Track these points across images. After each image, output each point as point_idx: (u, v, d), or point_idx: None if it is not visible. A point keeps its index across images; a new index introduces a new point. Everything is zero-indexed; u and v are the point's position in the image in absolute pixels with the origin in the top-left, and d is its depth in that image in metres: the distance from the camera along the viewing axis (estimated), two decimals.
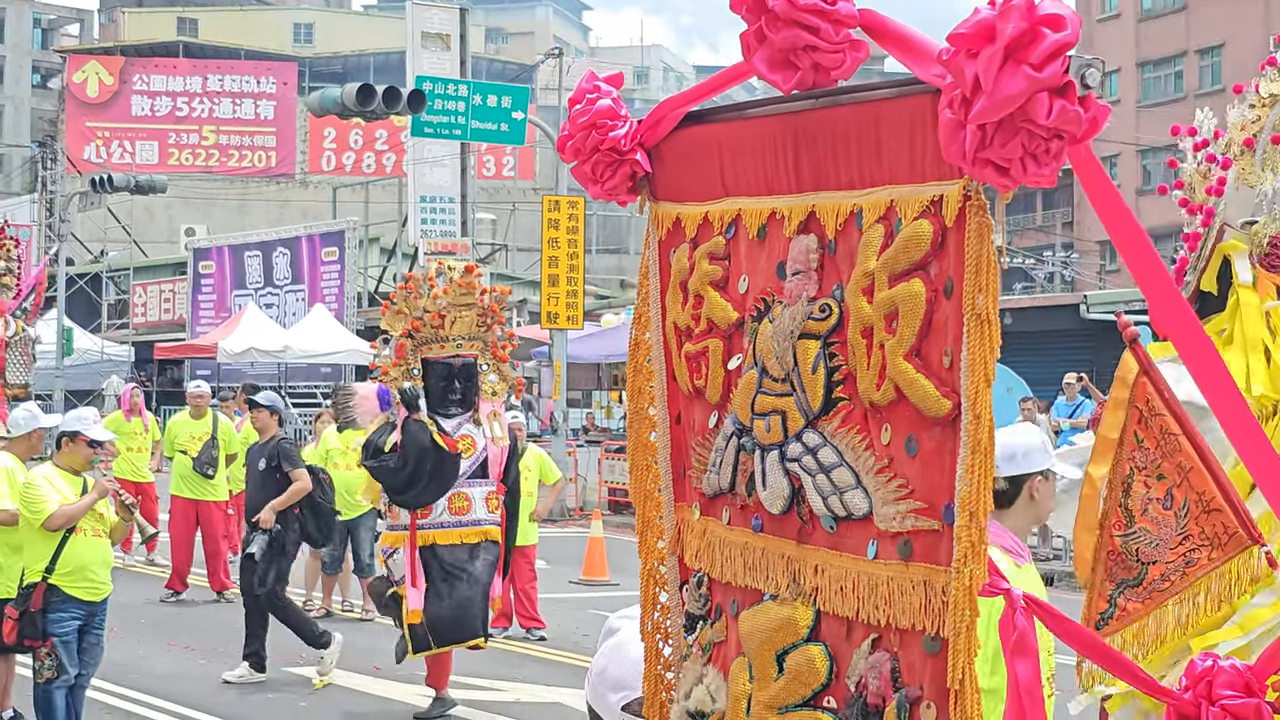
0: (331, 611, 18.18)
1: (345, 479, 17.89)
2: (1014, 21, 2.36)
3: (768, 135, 3.05)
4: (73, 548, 10.64)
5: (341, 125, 67.50)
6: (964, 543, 2.62)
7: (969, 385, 2.58)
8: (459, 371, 11.55)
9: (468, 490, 11.81)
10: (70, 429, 10.93)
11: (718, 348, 3.24)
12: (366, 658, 15.44)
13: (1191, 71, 62.55)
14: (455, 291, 11.41)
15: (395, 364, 11.58)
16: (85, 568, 10.70)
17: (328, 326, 42.85)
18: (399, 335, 11.47)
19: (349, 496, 17.93)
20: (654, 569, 3.51)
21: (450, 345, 11.46)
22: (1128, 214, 2.65)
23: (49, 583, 10.59)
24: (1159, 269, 2.69)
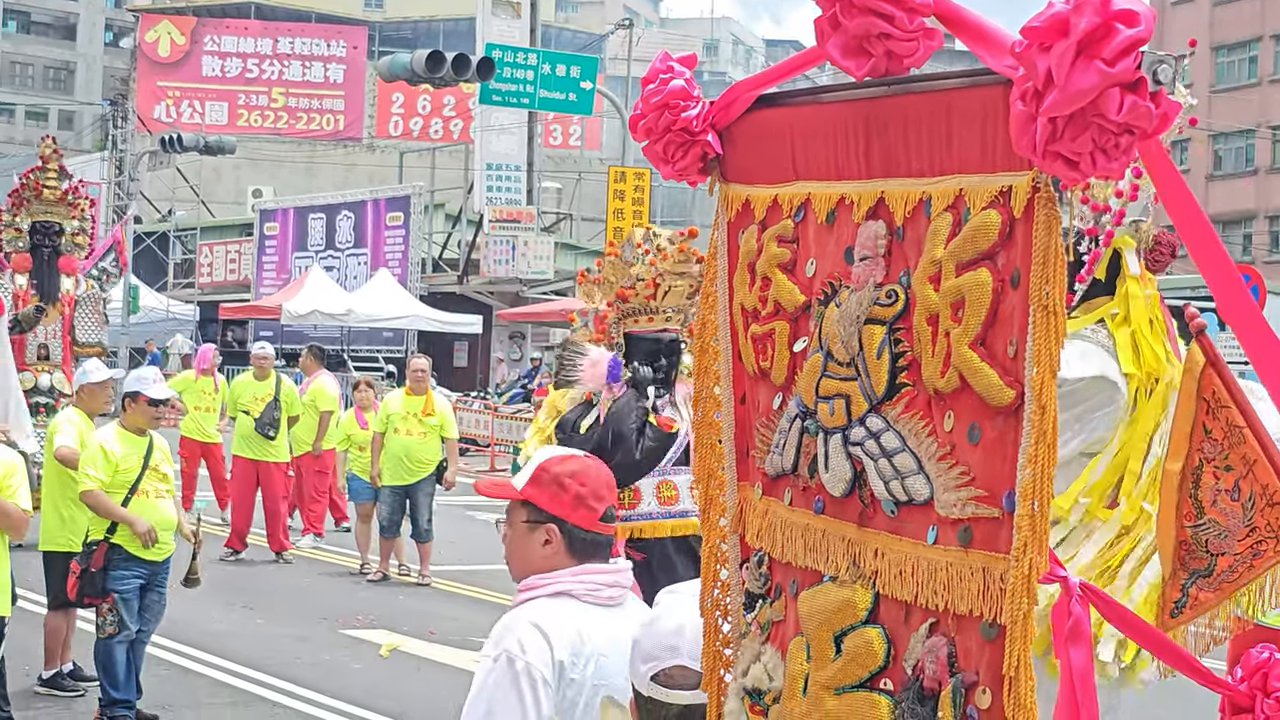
0: (388, 575, 18.31)
1: (405, 444, 18.04)
2: (1088, 16, 2.37)
3: (839, 120, 3.06)
4: (135, 508, 10.76)
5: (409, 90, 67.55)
6: (1024, 531, 2.64)
7: (1034, 375, 2.60)
8: (665, 347, 10.52)
9: (674, 478, 10.72)
10: (131, 389, 11.00)
11: (784, 330, 3.26)
12: (422, 622, 15.56)
13: (1266, 56, 62.01)
14: (674, 257, 10.51)
15: (597, 338, 10.64)
16: None
17: (391, 291, 43.01)
18: (602, 305, 10.51)
19: (409, 463, 18.06)
20: (716, 546, 3.54)
21: (659, 318, 10.56)
22: (1195, 207, 2.66)
23: (111, 542, 10.70)
24: (1224, 261, 2.69)
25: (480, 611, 16.48)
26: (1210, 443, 3.94)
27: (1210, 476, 3.93)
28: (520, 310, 44.90)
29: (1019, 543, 2.64)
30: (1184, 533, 3.95)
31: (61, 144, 20.39)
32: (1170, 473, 3.97)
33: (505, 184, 48.14)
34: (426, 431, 18.28)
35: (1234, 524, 3.90)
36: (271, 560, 19.22)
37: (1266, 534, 3.88)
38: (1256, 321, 2.76)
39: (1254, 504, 3.88)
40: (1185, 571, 3.95)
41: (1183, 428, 3.98)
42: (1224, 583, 3.93)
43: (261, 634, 14.96)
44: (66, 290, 18.87)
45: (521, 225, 45.61)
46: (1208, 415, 3.94)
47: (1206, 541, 3.90)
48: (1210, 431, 3.94)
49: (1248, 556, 3.90)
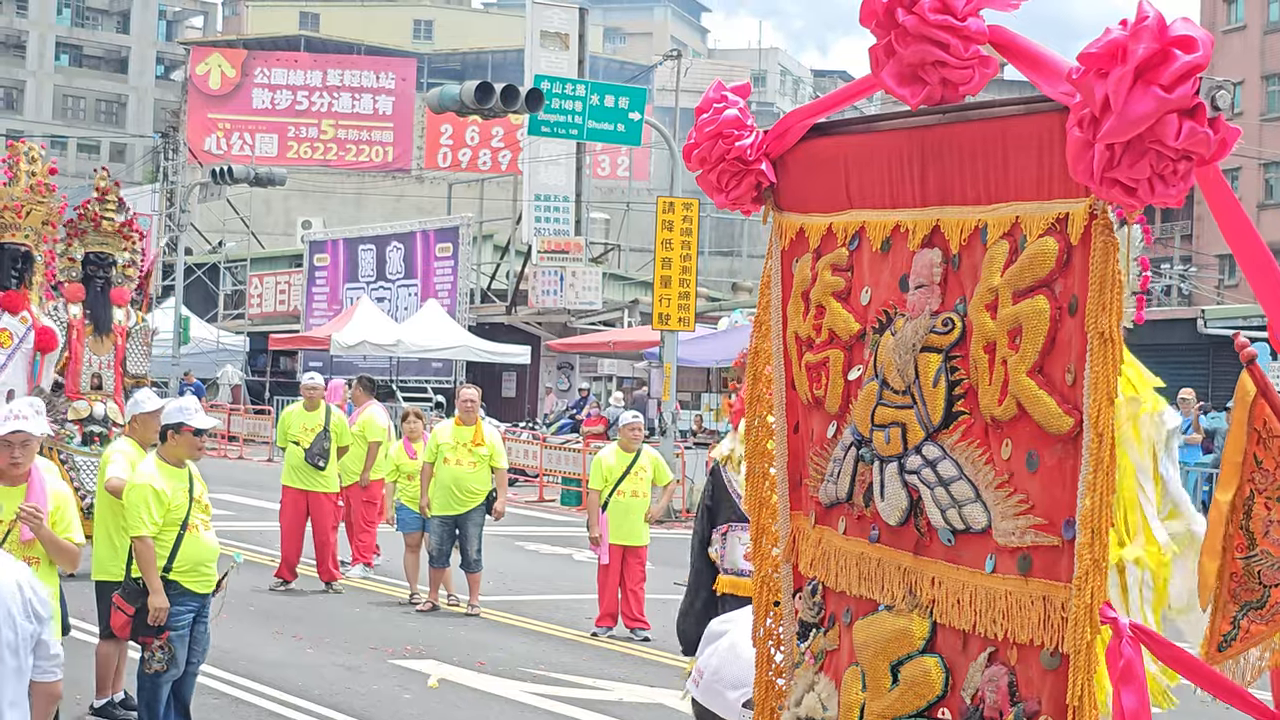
0: (438, 605, 18.31)
1: (455, 474, 18.03)
2: (1145, 42, 2.36)
3: (894, 149, 3.06)
4: (188, 546, 10.75)
5: (458, 122, 67.83)
6: (1085, 560, 2.62)
7: (1092, 403, 2.59)
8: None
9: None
10: (174, 420, 10.96)
11: (838, 358, 3.25)
12: (471, 652, 15.54)
13: None
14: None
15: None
16: (201, 562, 10.82)
17: (440, 322, 43.14)
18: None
19: (459, 493, 18.07)
20: (768, 575, 3.53)
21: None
22: (1254, 233, 2.65)
23: (166, 578, 10.70)
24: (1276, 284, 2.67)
25: (530, 642, 16.48)
26: (1262, 473, 3.90)
27: (1262, 507, 3.89)
28: (568, 341, 44.95)
29: (1080, 571, 2.62)
30: (1235, 564, 3.91)
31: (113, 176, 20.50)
32: (1220, 504, 3.94)
33: (553, 215, 48.26)
34: (476, 461, 18.28)
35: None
36: (321, 590, 19.23)
37: None
38: None
39: None
40: (1236, 604, 3.91)
41: (1233, 458, 3.95)
42: (1277, 614, 3.89)
43: (311, 663, 14.96)
44: (119, 321, 18.98)
45: (569, 256, 45.70)
46: (1258, 445, 3.90)
47: (1259, 573, 3.86)
48: (1261, 462, 3.91)
49: None
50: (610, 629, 16.78)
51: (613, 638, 16.66)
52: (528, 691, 13.87)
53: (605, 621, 16.81)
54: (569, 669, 14.81)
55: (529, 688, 13.97)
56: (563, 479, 32.59)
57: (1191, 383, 26.61)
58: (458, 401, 19.27)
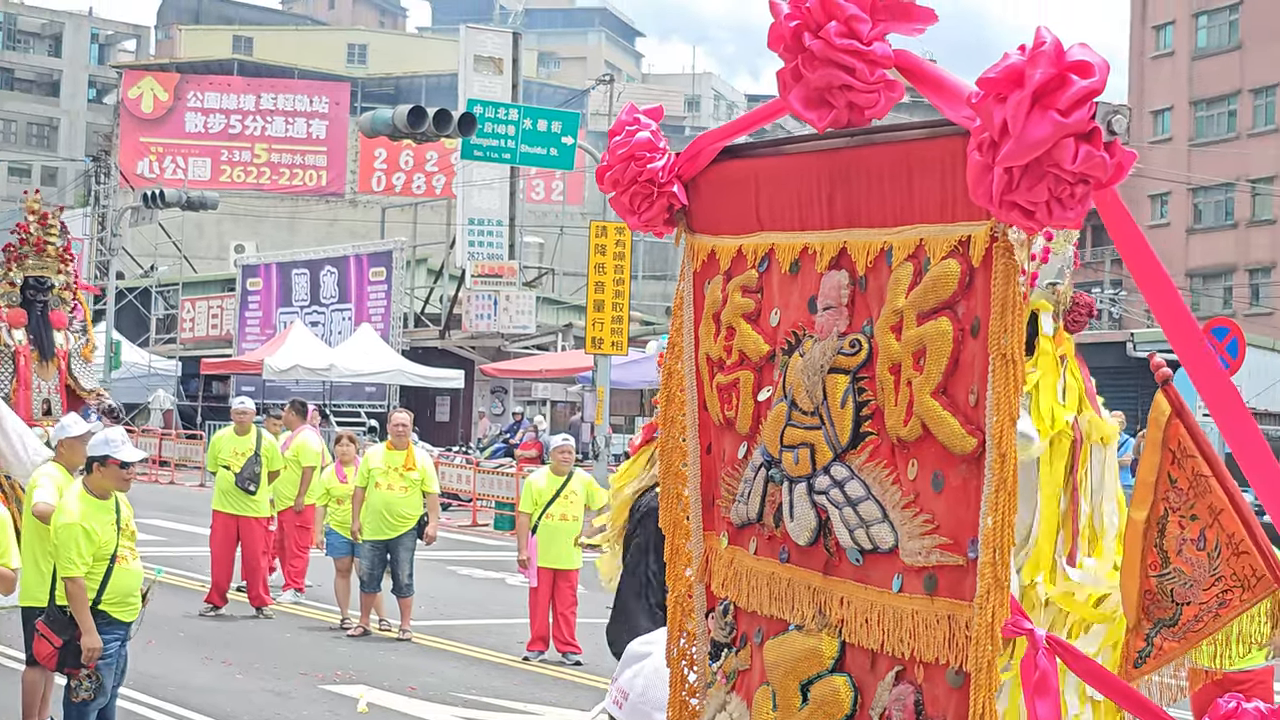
0: (369, 630, 18.23)
1: (387, 499, 17.99)
2: (1042, 67, 2.39)
3: (803, 171, 3.08)
4: (117, 577, 10.66)
5: (392, 146, 67.74)
6: (987, 578, 2.65)
7: (994, 423, 2.61)
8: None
9: None
10: (100, 453, 10.81)
11: (748, 379, 3.27)
12: (401, 677, 15.48)
13: (1245, 111, 62.29)
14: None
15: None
16: (129, 593, 10.74)
17: (374, 346, 43.01)
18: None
19: (390, 517, 18.03)
20: (681, 596, 3.54)
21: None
22: (1151, 255, 2.68)
23: (95, 609, 10.60)
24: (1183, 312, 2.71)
25: (461, 666, 16.42)
26: (1176, 492, 3.95)
27: (1176, 526, 3.94)
28: (502, 365, 44.88)
29: (982, 590, 2.65)
30: (1149, 582, 3.95)
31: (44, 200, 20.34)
32: (1135, 522, 3.98)
33: (487, 239, 48.21)
34: (408, 486, 18.24)
35: (1200, 573, 3.90)
36: (251, 616, 19.10)
37: (1233, 583, 3.88)
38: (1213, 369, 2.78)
39: (1220, 553, 3.89)
40: (1150, 621, 3.95)
41: (1147, 477, 3.99)
42: (1190, 632, 3.93)
43: (241, 689, 14.84)
44: (60, 344, 18.84)
45: (503, 280, 45.67)
46: (1173, 465, 3.95)
47: (1172, 591, 3.91)
48: (1175, 481, 3.95)
49: (1214, 605, 3.90)
50: (542, 653, 16.74)
51: (544, 661, 16.61)
52: (458, 716, 13.82)
53: (536, 645, 16.77)
54: (500, 693, 14.77)
55: (460, 712, 13.92)
56: (496, 503, 32.50)
57: (1122, 406, 26.75)
58: (389, 426, 19.23)
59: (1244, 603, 3.91)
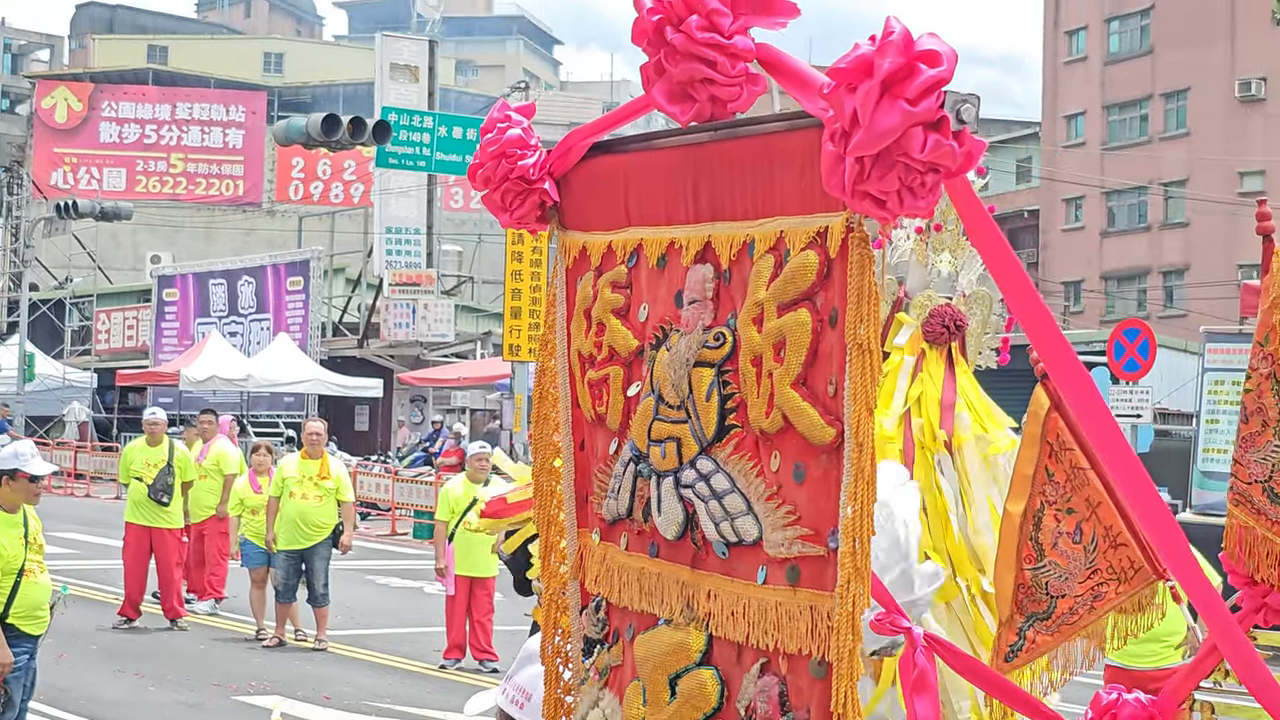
0: (284, 641, 18.13)
1: (301, 508, 17.92)
2: (891, 57, 2.40)
3: (669, 166, 3.09)
4: (25, 591, 10.54)
5: (309, 155, 67.40)
6: (847, 568, 2.65)
7: (852, 413, 2.62)
8: None
9: None
10: (9, 466, 10.67)
11: (618, 375, 3.27)
12: (316, 687, 15.41)
13: (1157, 115, 62.87)
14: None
15: None
16: (37, 606, 10.62)
17: (291, 356, 42.76)
18: None
19: (305, 526, 17.95)
20: (556, 594, 3.54)
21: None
22: (1004, 244, 2.69)
23: (4, 623, 10.48)
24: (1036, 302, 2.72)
25: (376, 675, 16.37)
26: (1052, 486, 3.98)
27: (1051, 519, 3.98)
28: (421, 374, 44.79)
29: (843, 579, 2.65)
30: (1023, 575, 3.98)
31: None
32: (1010, 514, 4.02)
33: (405, 247, 48.06)
34: (322, 495, 18.17)
35: (1075, 566, 3.94)
36: (166, 628, 18.97)
37: (1108, 576, 3.92)
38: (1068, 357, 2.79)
39: (1096, 546, 3.93)
40: (1022, 615, 3.99)
41: (1024, 470, 4.03)
42: (1063, 625, 3.96)
43: (154, 702, 14.73)
44: None
45: (422, 288, 45.56)
46: (1050, 458, 3.99)
47: (1046, 584, 3.94)
48: (1053, 474, 3.99)
49: (1088, 599, 3.94)
50: (458, 660, 16.71)
51: (461, 669, 16.58)
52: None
53: (453, 653, 16.74)
54: (415, 701, 14.73)
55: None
56: (415, 512, 32.39)
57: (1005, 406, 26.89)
58: (304, 435, 19.18)
59: (1119, 595, 3.95)
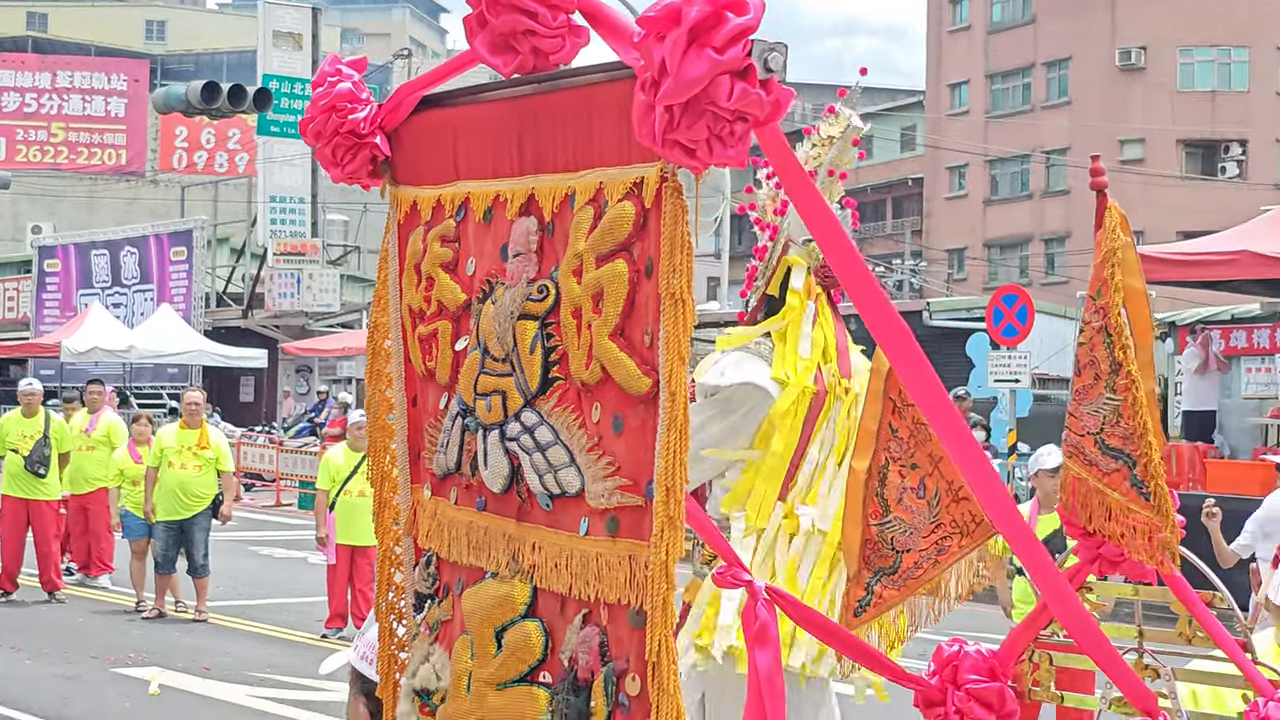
0: (164, 613, 17.99)
1: (180, 478, 17.79)
2: (698, 5, 2.41)
3: (495, 119, 3.08)
4: None
5: (193, 124, 66.64)
6: (661, 517, 2.66)
7: (665, 363, 2.63)
8: None
9: None
10: None
11: (446, 329, 3.27)
12: (196, 658, 15.30)
13: (1039, 84, 63.47)
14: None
15: None
16: None
17: (174, 327, 42.28)
18: None
19: (184, 497, 17.82)
20: (390, 550, 3.54)
21: None
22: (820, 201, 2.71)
23: None
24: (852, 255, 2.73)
25: (257, 645, 16.28)
26: (896, 441, 4.01)
27: (896, 475, 4.01)
28: (306, 344, 44.45)
29: (657, 529, 2.66)
30: (870, 531, 4.01)
31: None
32: (856, 471, 4.04)
33: (289, 217, 47.64)
34: (202, 465, 18.04)
35: (920, 521, 3.97)
36: (44, 600, 18.76)
37: (952, 529, 3.96)
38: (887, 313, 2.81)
39: (940, 500, 3.96)
40: (870, 570, 4.02)
41: (869, 426, 4.05)
42: (909, 579, 4.00)
43: (30, 674, 14.57)
44: None
45: (306, 258, 45.24)
46: (894, 414, 4.02)
47: (892, 539, 3.98)
48: (896, 430, 4.02)
49: (933, 552, 3.97)
50: (340, 630, 16.63)
51: (343, 638, 16.49)
52: (252, 695, 13.69)
53: (335, 623, 16.67)
54: (295, 671, 14.65)
55: (254, 691, 13.80)
56: (300, 482, 32.21)
57: None
58: (182, 404, 19.02)
59: (963, 549, 3.99)
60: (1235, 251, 20.84)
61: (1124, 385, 3.61)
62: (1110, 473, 3.64)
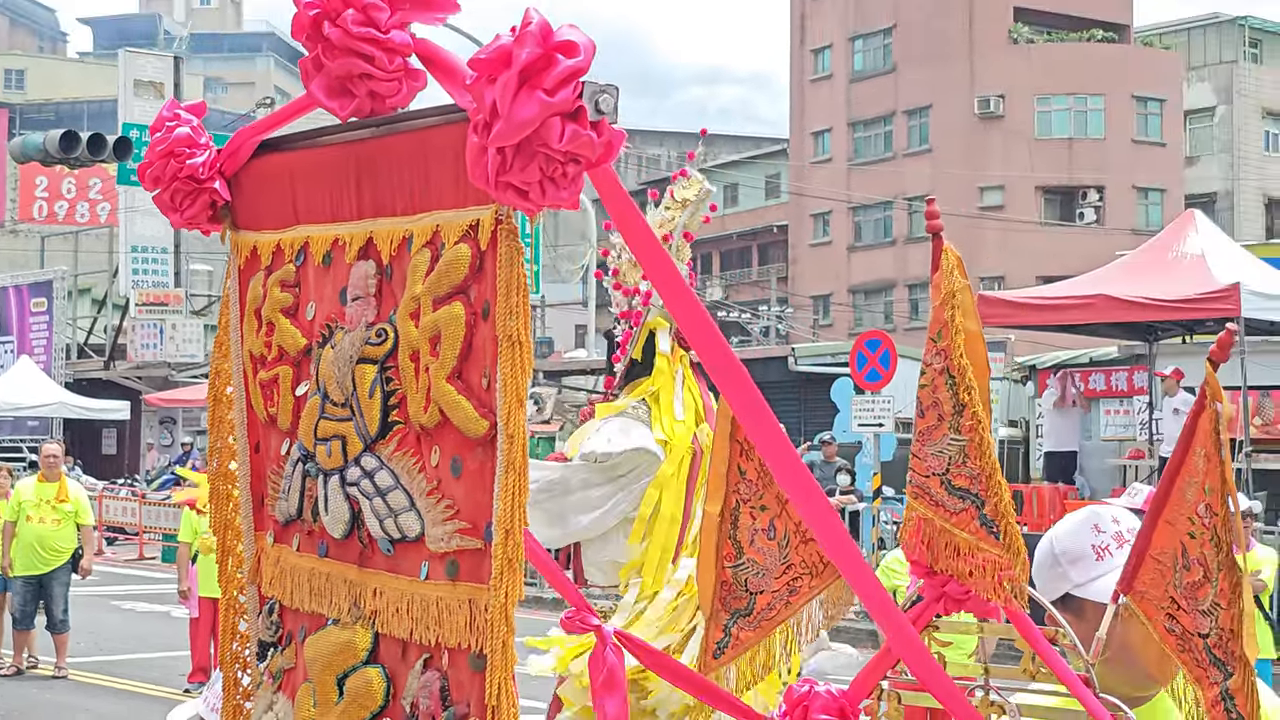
0: (22, 670, 17.70)
1: (39, 532, 17.57)
2: (529, 47, 2.42)
3: (333, 163, 3.08)
4: None
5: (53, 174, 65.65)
6: (500, 560, 2.67)
7: (503, 405, 2.64)
8: None
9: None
10: None
11: (287, 374, 3.25)
12: (56, 715, 15.07)
13: (900, 131, 64.32)
14: None
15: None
16: None
17: (34, 378, 41.71)
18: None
19: (42, 551, 17.58)
20: (234, 598, 3.50)
21: None
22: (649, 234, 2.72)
23: None
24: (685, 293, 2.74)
25: (119, 702, 16.09)
26: (746, 484, 4.03)
27: (747, 517, 4.02)
28: (170, 395, 44.02)
29: (496, 571, 2.67)
30: (725, 573, 4.03)
31: None
32: (710, 515, 4.06)
33: (152, 266, 47.20)
34: (61, 518, 17.82)
35: (771, 562, 3.99)
36: None
37: (802, 570, 3.98)
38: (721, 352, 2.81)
39: (789, 541, 3.98)
40: (726, 612, 4.03)
41: (719, 470, 4.07)
42: (764, 620, 4.01)
43: None
44: None
45: (169, 308, 44.85)
46: (742, 457, 4.04)
47: (746, 580, 3.99)
48: (745, 472, 4.04)
49: (785, 593, 3.99)
50: (203, 684, 16.42)
51: None
52: None
53: (198, 677, 16.48)
54: None
55: None
56: (164, 535, 31.83)
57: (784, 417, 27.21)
58: (40, 458, 18.79)
59: (813, 589, 4.01)
60: (1092, 295, 21.19)
61: (969, 426, 3.64)
62: (958, 512, 3.67)
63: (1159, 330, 24.04)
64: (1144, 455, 24.47)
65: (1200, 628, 3.50)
